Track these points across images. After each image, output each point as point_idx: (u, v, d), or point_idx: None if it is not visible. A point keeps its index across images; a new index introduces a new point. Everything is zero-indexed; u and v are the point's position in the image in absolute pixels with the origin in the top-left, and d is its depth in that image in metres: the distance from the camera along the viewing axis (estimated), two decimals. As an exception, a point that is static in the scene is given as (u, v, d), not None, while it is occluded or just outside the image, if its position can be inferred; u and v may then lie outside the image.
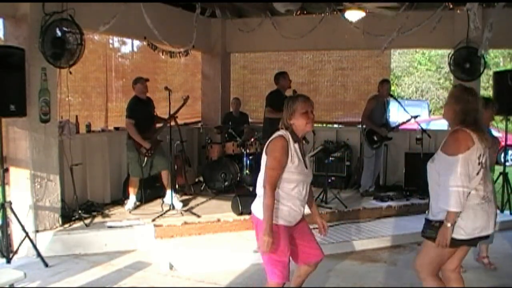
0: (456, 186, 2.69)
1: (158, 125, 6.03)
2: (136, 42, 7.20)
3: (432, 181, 2.94)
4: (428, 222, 2.93)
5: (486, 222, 2.84)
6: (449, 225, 2.73)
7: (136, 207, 5.95)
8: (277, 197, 2.88)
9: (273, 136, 2.95)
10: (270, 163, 2.86)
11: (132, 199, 5.94)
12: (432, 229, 2.86)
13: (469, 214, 2.78)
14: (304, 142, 3.07)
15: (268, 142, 2.96)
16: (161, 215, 5.44)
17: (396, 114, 7.79)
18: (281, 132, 2.95)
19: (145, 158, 5.79)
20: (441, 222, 2.79)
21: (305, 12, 7.78)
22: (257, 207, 2.97)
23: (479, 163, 2.77)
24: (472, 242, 2.90)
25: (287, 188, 2.90)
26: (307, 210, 3.13)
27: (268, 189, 2.82)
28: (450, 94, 2.97)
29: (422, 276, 2.99)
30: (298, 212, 2.99)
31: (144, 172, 5.85)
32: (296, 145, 2.95)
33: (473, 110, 2.80)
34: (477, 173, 2.77)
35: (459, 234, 2.79)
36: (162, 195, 6.07)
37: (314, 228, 3.26)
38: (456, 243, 2.82)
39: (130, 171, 6.00)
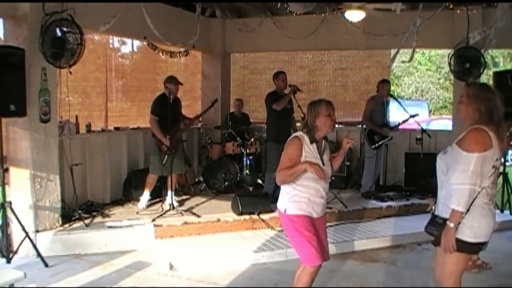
0: (463, 184, 2.56)
1: (184, 124, 6.08)
2: (136, 42, 7.20)
3: (440, 173, 2.81)
4: (432, 216, 2.79)
5: (493, 224, 2.73)
6: (452, 225, 2.59)
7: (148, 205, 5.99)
8: (297, 191, 3.16)
9: (291, 136, 3.25)
10: (283, 158, 3.18)
11: (146, 196, 5.96)
12: (433, 225, 2.73)
13: (482, 214, 2.66)
14: (325, 141, 3.30)
15: (287, 141, 3.24)
16: (161, 215, 5.45)
17: (396, 114, 7.80)
18: (298, 133, 3.25)
19: (166, 156, 5.79)
20: (444, 220, 2.66)
21: (305, 12, 7.77)
22: (280, 202, 3.27)
23: (493, 166, 2.66)
24: (479, 246, 2.74)
25: (304, 183, 3.14)
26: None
27: (277, 172, 3.15)
28: (467, 93, 2.77)
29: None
30: (317, 203, 3.21)
31: (164, 170, 5.87)
32: (313, 145, 3.17)
33: (495, 107, 2.70)
34: (490, 175, 2.67)
35: (475, 237, 2.65)
36: (163, 196, 6.10)
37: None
38: (474, 248, 2.69)
39: (151, 168, 6.00)
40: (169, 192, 5.94)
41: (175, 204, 5.83)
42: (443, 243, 2.66)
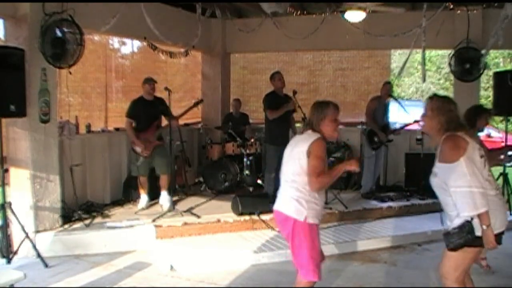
0: (469, 187, 2.62)
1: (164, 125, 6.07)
2: (136, 42, 7.21)
3: (441, 194, 2.85)
4: (447, 234, 2.82)
5: (505, 213, 2.82)
6: (485, 227, 2.64)
7: (147, 207, 5.98)
8: (314, 197, 3.00)
9: (314, 137, 3.00)
10: (316, 162, 2.92)
11: (143, 198, 5.99)
12: (453, 237, 2.76)
13: (492, 206, 2.70)
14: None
15: (310, 143, 2.97)
16: (161, 215, 5.44)
17: (396, 114, 7.80)
18: (318, 134, 3.02)
19: (141, 158, 5.85)
20: (458, 228, 2.72)
21: (305, 13, 7.78)
22: (284, 203, 3.06)
23: (481, 156, 2.75)
24: (498, 237, 2.79)
25: (320, 192, 3.05)
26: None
27: (316, 177, 2.90)
28: (430, 106, 2.86)
29: (448, 283, 2.85)
30: (323, 210, 3.14)
31: (140, 170, 5.91)
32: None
33: (456, 117, 2.82)
34: (484, 166, 2.76)
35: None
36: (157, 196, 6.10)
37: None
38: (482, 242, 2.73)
39: (132, 170, 6.08)
40: (162, 192, 5.97)
41: (169, 204, 5.86)
42: (487, 245, 2.70)
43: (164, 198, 5.93)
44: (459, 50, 6.77)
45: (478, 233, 2.70)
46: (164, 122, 6.06)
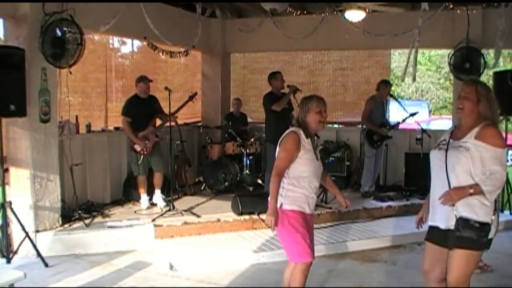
0: (501, 178, 2.59)
1: (159, 123, 6.06)
2: (136, 42, 7.21)
3: (462, 172, 2.68)
4: (464, 221, 2.64)
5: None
6: (471, 190, 2.59)
7: (150, 206, 5.99)
8: (293, 185, 3.16)
9: (286, 131, 3.24)
10: (280, 153, 3.17)
11: (144, 198, 6.00)
12: (471, 229, 2.62)
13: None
14: (316, 137, 3.33)
15: (282, 137, 3.23)
16: (161, 215, 5.45)
17: (396, 114, 7.80)
18: (293, 128, 3.24)
19: (141, 156, 5.85)
20: (481, 224, 2.61)
21: (305, 12, 7.79)
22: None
23: None
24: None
25: (300, 177, 3.16)
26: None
27: (274, 175, 3.10)
28: (478, 90, 2.73)
29: None
30: (311, 199, 3.24)
31: (140, 170, 5.91)
32: (308, 140, 3.21)
33: (498, 108, 2.77)
34: None
35: (495, 234, 2.69)
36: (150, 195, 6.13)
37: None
38: (489, 244, 2.71)
39: (133, 169, 6.05)
40: (156, 191, 6.00)
41: (162, 203, 5.89)
42: (452, 196, 2.64)
43: (158, 197, 5.98)
44: (459, 49, 6.78)
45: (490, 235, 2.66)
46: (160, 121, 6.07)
